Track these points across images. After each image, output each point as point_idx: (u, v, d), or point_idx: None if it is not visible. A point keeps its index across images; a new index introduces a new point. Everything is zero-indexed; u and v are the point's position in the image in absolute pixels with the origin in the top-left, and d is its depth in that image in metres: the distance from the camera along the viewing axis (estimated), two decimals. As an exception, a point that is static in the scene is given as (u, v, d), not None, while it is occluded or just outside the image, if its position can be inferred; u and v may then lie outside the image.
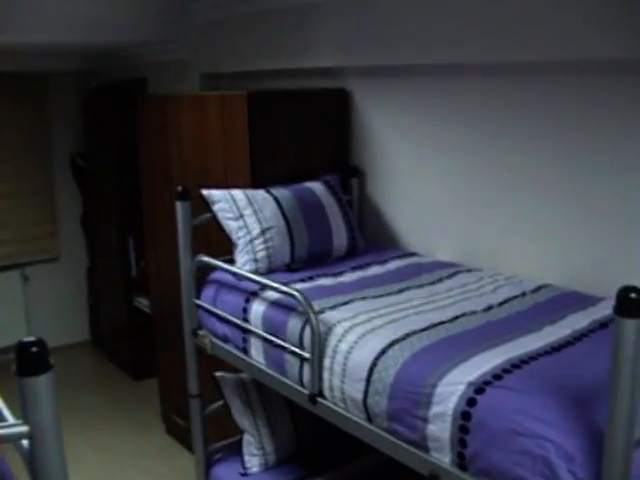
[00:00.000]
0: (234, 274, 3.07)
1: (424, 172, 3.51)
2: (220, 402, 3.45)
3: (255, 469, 3.32)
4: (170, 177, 4.27)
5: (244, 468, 3.33)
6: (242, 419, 3.37)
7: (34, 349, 1.35)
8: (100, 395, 5.80)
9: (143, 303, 5.61)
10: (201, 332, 3.25)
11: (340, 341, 2.45)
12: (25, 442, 1.42)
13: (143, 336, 5.66)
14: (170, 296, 4.31)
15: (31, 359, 1.35)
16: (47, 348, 1.36)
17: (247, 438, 3.36)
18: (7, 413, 1.65)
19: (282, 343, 2.68)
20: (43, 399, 1.36)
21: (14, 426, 1.39)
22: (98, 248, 6.49)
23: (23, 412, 1.37)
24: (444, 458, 2.07)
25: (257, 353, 2.87)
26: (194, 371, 3.40)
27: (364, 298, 2.77)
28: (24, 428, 1.37)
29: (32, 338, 1.36)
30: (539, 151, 2.99)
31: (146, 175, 4.67)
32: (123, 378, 6.10)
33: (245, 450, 3.36)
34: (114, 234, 5.94)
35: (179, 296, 3.36)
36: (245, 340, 2.93)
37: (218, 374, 3.40)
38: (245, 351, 2.95)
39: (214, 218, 3.26)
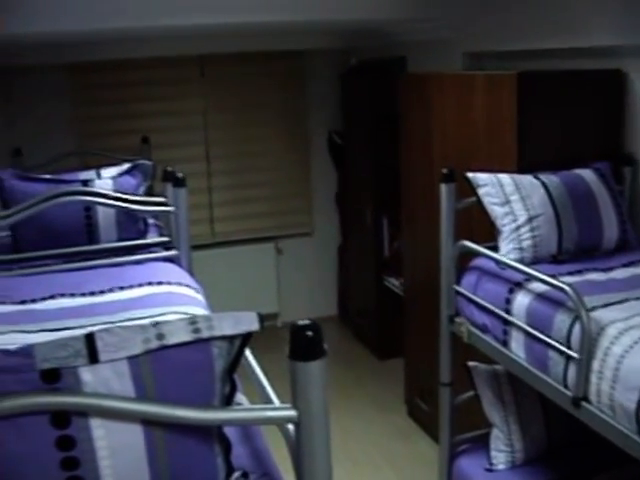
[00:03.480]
0: (498, 262, 2.95)
1: None
2: (471, 392, 3.36)
3: (501, 466, 3.20)
4: (430, 158, 4.19)
5: (490, 464, 3.22)
6: (492, 412, 3.26)
7: (309, 333, 1.31)
8: (344, 371, 5.88)
9: (394, 284, 5.60)
10: (458, 319, 3.18)
11: (613, 343, 2.26)
12: (291, 426, 1.41)
13: (391, 316, 5.67)
14: (424, 279, 4.27)
15: (305, 344, 1.32)
16: (322, 333, 1.33)
17: (495, 433, 3.25)
18: (273, 396, 1.66)
19: (547, 339, 2.53)
20: (314, 385, 1.34)
21: (282, 409, 1.38)
22: (351, 226, 6.58)
23: (292, 396, 1.35)
24: None
25: (517, 347, 2.74)
26: (447, 359, 3.35)
27: (639, 298, 2.55)
28: (292, 412, 1.35)
29: (307, 321, 1.33)
30: None
31: (405, 155, 4.63)
32: (367, 356, 6.17)
33: (492, 445, 3.25)
34: (368, 213, 5.98)
35: (434, 280, 3.30)
36: (506, 332, 2.81)
37: (471, 364, 3.31)
38: (505, 343, 2.83)
39: (478, 202, 3.15)
